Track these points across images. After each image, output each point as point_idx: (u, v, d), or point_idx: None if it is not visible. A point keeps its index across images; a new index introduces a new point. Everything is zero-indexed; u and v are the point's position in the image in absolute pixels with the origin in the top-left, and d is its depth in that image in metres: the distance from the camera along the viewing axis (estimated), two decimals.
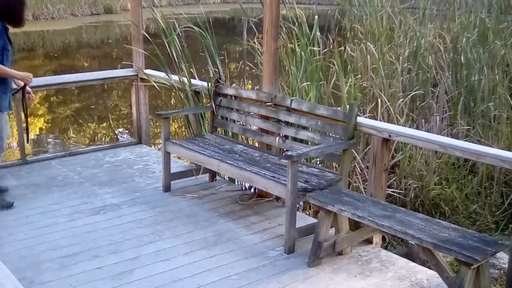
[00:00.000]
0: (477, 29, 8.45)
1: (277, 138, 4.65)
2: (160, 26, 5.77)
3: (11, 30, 4.35)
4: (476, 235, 3.22)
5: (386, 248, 4.41)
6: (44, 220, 4.42)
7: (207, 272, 3.66)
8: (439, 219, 3.93)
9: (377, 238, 4.11)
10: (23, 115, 4.91)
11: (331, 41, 8.02)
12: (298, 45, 5.78)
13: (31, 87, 4.80)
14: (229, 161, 4.41)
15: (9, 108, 4.50)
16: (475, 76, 7.26)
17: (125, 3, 25.20)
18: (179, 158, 5.80)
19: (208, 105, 5.37)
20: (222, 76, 5.34)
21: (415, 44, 7.99)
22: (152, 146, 6.48)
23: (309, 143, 4.77)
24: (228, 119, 5.14)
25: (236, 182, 5.38)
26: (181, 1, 28.52)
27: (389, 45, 8.27)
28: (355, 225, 4.10)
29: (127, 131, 9.02)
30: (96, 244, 4.02)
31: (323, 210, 3.69)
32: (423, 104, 6.99)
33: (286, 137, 4.69)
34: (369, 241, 4.09)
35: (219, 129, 5.35)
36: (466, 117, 6.70)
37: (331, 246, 3.75)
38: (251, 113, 4.99)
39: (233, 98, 5.08)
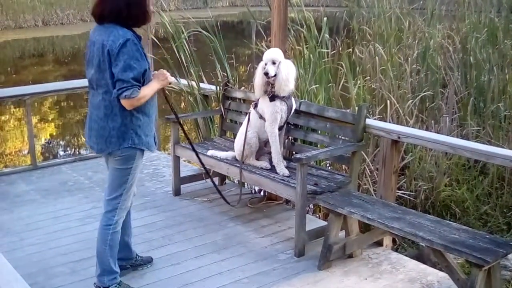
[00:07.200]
0: (486, 29, 8.40)
1: (286, 140, 4.65)
2: (169, 30, 5.79)
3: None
4: (487, 236, 3.20)
5: (396, 250, 4.40)
6: (55, 225, 4.45)
7: (218, 276, 3.67)
8: (449, 220, 3.91)
9: (387, 240, 4.10)
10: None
11: (339, 43, 8.01)
12: (307, 47, 5.78)
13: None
14: (238, 165, 4.42)
15: (155, 145, 3.46)
16: (485, 76, 7.22)
17: None
18: (188, 162, 5.82)
19: (217, 108, 5.38)
20: (230, 80, 5.35)
21: (424, 45, 7.96)
22: (162, 150, 6.49)
23: (318, 145, 4.76)
24: (237, 122, 5.14)
25: (245, 185, 5.39)
26: (190, 5, 28.57)
27: (398, 47, 8.25)
28: (365, 228, 4.08)
29: None
30: None
31: (333, 213, 3.69)
32: (432, 105, 6.95)
33: (295, 139, 4.69)
34: (379, 244, 4.08)
35: (228, 132, 5.36)
36: (476, 117, 6.66)
37: (341, 249, 3.74)
38: None
39: (242, 101, 5.09)
